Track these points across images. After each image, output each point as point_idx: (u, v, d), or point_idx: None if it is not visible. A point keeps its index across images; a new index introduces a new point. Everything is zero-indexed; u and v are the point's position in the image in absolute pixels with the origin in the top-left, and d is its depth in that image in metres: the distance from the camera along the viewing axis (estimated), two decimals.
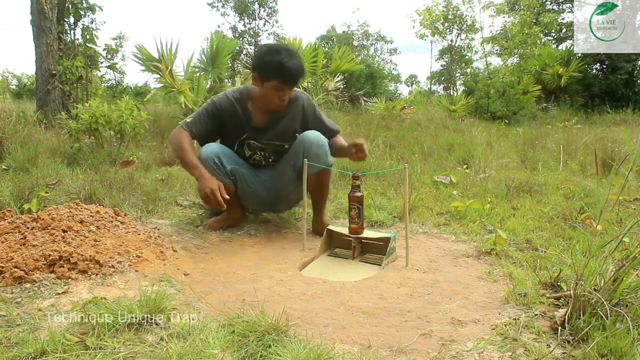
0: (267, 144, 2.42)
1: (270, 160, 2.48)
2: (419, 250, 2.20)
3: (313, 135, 2.29)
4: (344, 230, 2.14)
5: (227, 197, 2.14)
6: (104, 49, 11.16)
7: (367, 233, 2.15)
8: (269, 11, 26.30)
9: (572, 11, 17.30)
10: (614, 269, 1.39)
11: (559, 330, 1.31)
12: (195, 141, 2.41)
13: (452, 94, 16.57)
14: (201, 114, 2.34)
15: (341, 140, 2.45)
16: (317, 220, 2.48)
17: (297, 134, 2.38)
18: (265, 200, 2.50)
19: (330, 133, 2.42)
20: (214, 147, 2.36)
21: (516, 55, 15.22)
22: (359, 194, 2.06)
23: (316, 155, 2.25)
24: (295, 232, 2.50)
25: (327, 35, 27.19)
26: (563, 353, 1.23)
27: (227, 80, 9.68)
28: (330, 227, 2.22)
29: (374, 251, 2.16)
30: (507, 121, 9.77)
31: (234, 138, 2.42)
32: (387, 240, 2.07)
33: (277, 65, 2.15)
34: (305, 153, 2.26)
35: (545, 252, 2.03)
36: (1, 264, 1.60)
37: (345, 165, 3.54)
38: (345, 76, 10.72)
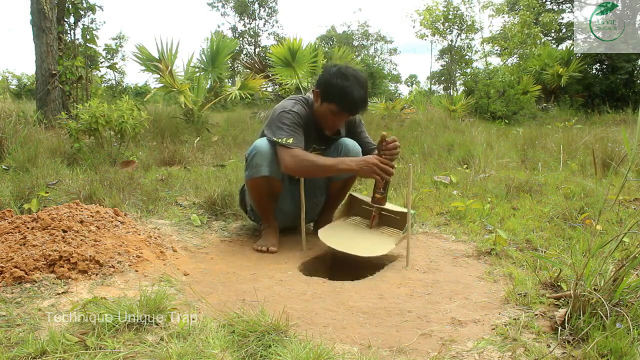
0: (322, 151, 2.31)
1: None
2: (419, 250, 2.20)
3: (350, 142, 2.28)
4: (367, 199, 2.19)
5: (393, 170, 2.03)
6: (104, 49, 11.18)
7: (388, 205, 2.19)
8: (269, 11, 26.32)
9: (572, 11, 17.32)
10: (614, 269, 1.39)
11: (559, 330, 1.31)
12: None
13: (452, 94, 16.56)
14: (295, 129, 2.11)
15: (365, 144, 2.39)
16: (326, 219, 2.47)
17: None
18: (291, 212, 2.40)
19: (368, 147, 2.36)
20: (268, 143, 2.17)
21: (516, 56, 15.23)
22: None
23: None
24: (295, 232, 2.50)
25: (327, 35, 27.19)
26: (563, 353, 1.23)
27: (227, 80, 9.68)
28: (354, 193, 2.28)
29: (392, 225, 2.22)
30: (507, 121, 9.77)
31: None
32: (405, 215, 2.10)
33: (341, 91, 2.06)
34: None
35: (545, 252, 2.03)
36: (1, 264, 1.60)
37: None
38: None
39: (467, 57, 19.87)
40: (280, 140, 2.06)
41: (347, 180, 2.36)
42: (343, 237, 2.12)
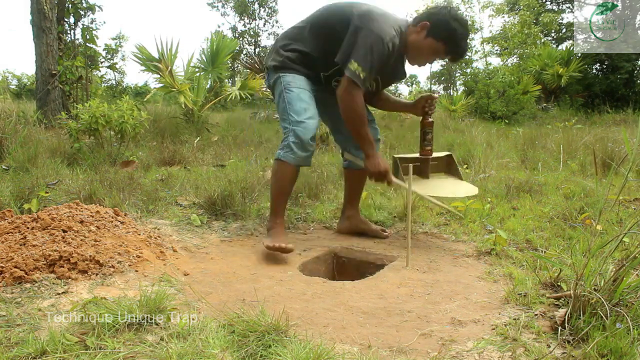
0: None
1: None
2: (419, 250, 2.20)
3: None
4: (412, 156, 2.39)
5: (393, 179, 2.17)
6: (104, 49, 11.17)
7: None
8: (269, 11, 26.30)
9: (572, 11, 17.33)
10: (614, 269, 1.39)
11: (559, 330, 1.31)
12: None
13: (452, 94, 16.56)
14: (373, 65, 2.00)
15: (388, 94, 2.47)
16: (354, 215, 2.46)
17: None
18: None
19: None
20: (312, 113, 2.11)
21: (516, 56, 15.23)
22: (431, 119, 2.31)
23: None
24: (295, 233, 2.51)
25: None
26: (563, 353, 1.23)
27: (227, 80, 9.68)
28: (397, 155, 2.41)
29: (435, 170, 2.47)
30: (507, 121, 9.77)
31: None
32: (449, 159, 2.46)
33: (455, 37, 2.05)
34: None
35: (545, 252, 2.03)
36: (1, 264, 1.60)
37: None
38: None
39: (467, 57, 19.86)
40: (358, 68, 1.97)
41: (364, 171, 2.35)
42: (424, 188, 2.29)
